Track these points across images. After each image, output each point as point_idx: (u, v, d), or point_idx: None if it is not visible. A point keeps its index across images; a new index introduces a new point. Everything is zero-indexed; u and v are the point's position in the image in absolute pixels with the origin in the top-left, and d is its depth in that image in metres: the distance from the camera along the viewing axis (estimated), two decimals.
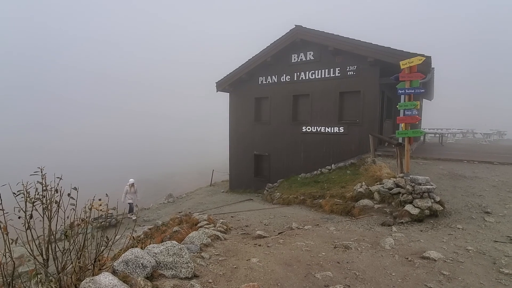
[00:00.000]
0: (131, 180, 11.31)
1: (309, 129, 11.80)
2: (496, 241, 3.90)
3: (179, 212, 9.78)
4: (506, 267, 3.12)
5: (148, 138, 53.37)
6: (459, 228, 4.50)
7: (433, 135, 21.26)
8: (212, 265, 3.02)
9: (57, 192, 2.33)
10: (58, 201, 2.31)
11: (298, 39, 11.37)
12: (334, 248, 3.81)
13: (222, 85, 13.91)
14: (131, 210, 11.25)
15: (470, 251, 3.59)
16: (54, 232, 2.26)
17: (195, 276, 2.66)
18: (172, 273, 2.53)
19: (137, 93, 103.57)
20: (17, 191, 2.14)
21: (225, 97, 14.58)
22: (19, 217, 2.12)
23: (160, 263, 2.55)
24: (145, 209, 13.22)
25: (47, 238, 2.23)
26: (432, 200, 5.18)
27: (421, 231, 4.55)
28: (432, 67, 10.19)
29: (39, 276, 2.08)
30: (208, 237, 3.92)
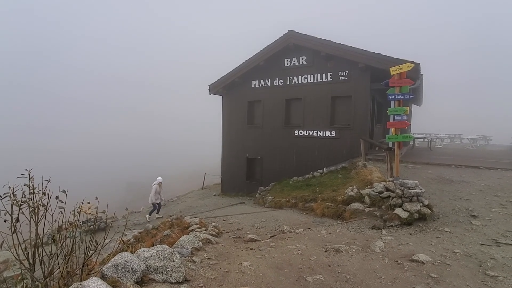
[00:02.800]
0: (159, 179, 10.69)
1: (301, 133, 11.88)
2: (482, 244, 3.99)
3: (170, 216, 9.67)
4: (492, 269, 3.19)
5: (140, 139, 52.61)
6: (446, 231, 4.59)
7: (422, 140, 21.76)
8: (203, 269, 2.99)
9: (44, 195, 2.28)
10: (46, 204, 2.26)
11: (291, 44, 11.49)
12: (326, 251, 3.83)
13: (215, 88, 13.90)
14: (158, 211, 10.86)
15: (457, 254, 3.67)
16: (41, 236, 2.21)
17: (186, 280, 2.63)
18: (162, 277, 2.50)
19: (133, 94, 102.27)
20: (3, 194, 2.09)
21: (219, 99, 14.55)
22: (4, 221, 2.07)
23: (151, 268, 2.51)
24: (135, 212, 13.03)
25: (33, 242, 2.18)
26: (421, 204, 5.27)
27: (410, 234, 4.62)
28: (421, 73, 10.46)
29: (25, 281, 2.03)
30: (199, 240, 3.88)
